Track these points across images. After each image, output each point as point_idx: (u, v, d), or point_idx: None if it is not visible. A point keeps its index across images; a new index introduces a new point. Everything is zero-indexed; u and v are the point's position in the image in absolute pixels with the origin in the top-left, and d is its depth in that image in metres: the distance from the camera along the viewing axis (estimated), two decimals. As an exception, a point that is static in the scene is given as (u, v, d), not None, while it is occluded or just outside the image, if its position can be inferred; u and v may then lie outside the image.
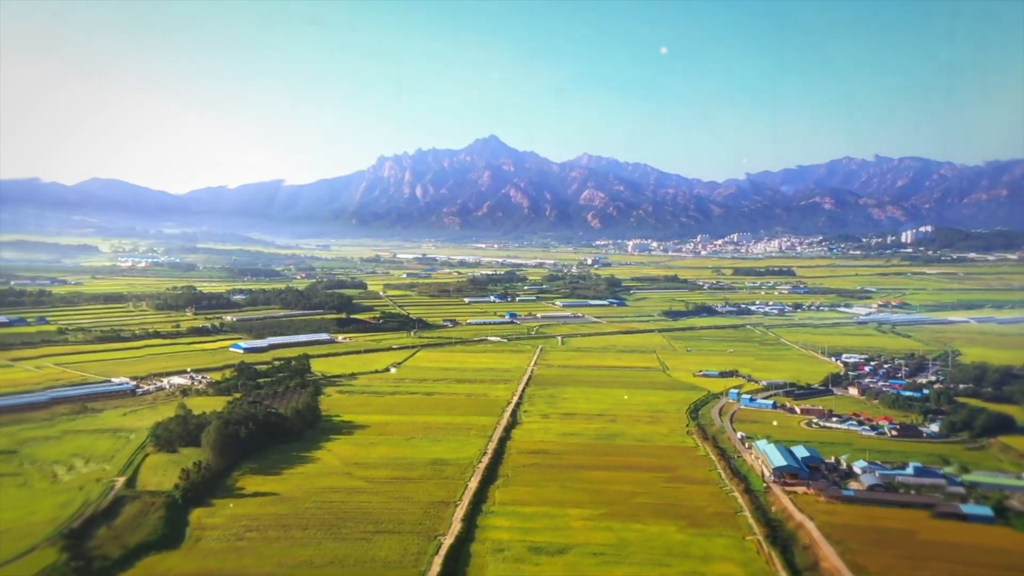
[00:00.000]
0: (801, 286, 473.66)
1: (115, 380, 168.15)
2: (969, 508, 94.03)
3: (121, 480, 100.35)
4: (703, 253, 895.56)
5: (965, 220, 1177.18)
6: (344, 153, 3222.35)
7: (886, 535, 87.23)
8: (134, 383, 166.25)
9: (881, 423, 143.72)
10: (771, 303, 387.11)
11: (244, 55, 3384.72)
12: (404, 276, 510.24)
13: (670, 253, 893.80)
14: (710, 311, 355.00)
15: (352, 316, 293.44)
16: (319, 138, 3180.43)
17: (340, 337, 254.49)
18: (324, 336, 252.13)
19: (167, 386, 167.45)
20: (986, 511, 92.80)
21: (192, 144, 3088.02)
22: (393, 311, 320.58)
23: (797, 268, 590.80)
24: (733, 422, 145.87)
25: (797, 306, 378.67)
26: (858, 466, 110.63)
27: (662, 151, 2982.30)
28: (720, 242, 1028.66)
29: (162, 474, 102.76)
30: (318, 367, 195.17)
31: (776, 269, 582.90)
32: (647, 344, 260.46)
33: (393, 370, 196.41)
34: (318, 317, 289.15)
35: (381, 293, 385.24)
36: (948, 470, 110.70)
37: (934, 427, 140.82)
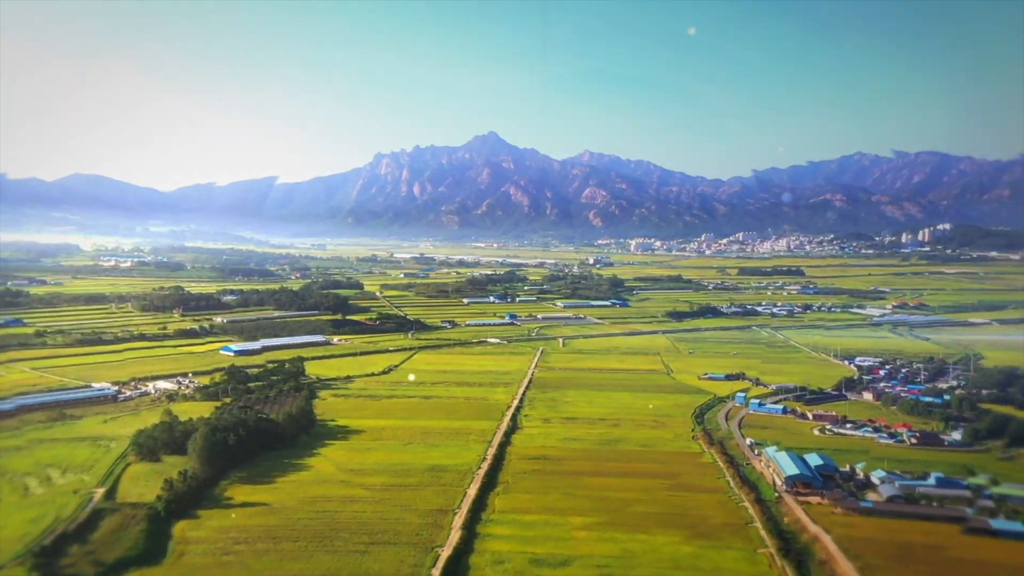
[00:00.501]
0: (811, 286, 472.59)
1: (96, 385, 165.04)
2: (999, 523, 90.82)
3: (100, 492, 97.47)
4: (707, 253, 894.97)
5: (986, 217, 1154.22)
6: (340, 150, 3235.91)
7: (909, 551, 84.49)
8: (116, 388, 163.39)
9: (899, 430, 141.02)
10: (779, 304, 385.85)
11: (237, 48, 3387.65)
12: (401, 276, 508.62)
13: (674, 253, 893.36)
14: (715, 312, 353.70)
15: (348, 317, 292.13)
16: (314, 135, 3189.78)
17: (335, 339, 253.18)
18: (319, 338, 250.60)
19: (152, 391, 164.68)
20: (1018, 527, 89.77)
21: (181, 139, 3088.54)
22: (390, 312, 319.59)
23: (806, 268, 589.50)
24: (741, 427, 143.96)
25: (807, 307, 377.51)
26: (876, 476, 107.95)
27: (665, 148, 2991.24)
28: (725, 241, 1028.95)
29: (144, 485, 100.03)
30: (313, 370, 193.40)
31: (784, 269, 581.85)
32: (651, 346, 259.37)
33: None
34: (313, 318, 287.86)
35: (378, 294, 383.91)
36: (975, 481, 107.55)
37: (956, 435, 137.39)
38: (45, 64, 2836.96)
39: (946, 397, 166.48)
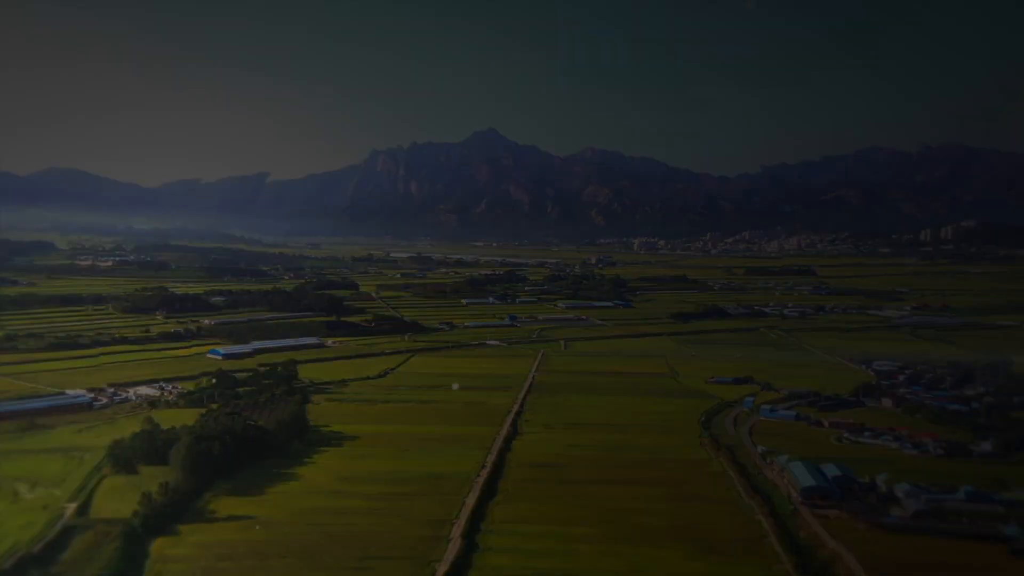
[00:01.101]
0: (823, 286, 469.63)
1: (69, 392, 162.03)
2: None
3: (72, 507, 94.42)
4: (713, 252, 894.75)
5: (1014, 213, 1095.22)
6: (335, 147, 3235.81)
7: (942, 572, 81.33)
8: (91, 395, 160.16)
9: (924, 440, 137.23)
10: (790, 305, 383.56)
11: (226, 39, 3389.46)
12: (398, 276, 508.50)
13: (678, 252, 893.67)
14: (722, 313, 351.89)
15: (343, 319, 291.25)
16: (308, 131, 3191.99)
17: (330, 341, 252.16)
18: (313, 340, 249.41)
19: (132, 398, 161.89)
20: None
21: (165, 132, 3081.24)
22: (386, 313, 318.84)
23: (818, 267, 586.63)
24: (752, 434, 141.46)
25: (819, 308, 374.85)
26: (900, 488, 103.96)
27: (670, 144, 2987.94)
28: (731, 240, 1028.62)
29: (120, 499, 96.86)
30: (306, 373, 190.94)
31: (794, 268, 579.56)
32: (655, 348, 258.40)
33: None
34: (307, 320, 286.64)
35: (374, 294, 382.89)
36: (1009, 496, 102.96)
37: (986, 446, 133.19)
38: (19, 53, 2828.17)
39: (974, 405, 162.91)
